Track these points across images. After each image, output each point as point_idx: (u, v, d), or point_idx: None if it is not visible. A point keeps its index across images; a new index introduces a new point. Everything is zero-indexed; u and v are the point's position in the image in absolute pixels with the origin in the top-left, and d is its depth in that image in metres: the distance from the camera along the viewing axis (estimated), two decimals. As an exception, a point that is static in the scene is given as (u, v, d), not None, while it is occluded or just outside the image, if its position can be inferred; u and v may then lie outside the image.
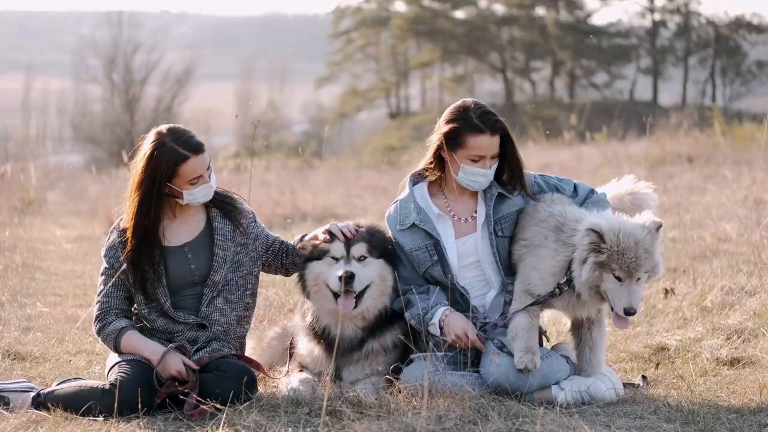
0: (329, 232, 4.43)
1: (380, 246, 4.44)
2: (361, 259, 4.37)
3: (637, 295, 4.07)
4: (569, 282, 4.16)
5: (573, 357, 4.47)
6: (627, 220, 4.16)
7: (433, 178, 4.56)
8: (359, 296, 4.35)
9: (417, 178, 4.60)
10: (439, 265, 4.42)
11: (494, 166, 4.43)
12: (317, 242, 4.44)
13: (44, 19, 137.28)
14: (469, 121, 4.39)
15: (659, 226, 4.10)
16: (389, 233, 4.55)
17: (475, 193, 4.53)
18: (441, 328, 4.30)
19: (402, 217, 4.49)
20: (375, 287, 4.39)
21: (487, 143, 4.37)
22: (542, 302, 4.25)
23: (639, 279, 4.07)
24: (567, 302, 4.26)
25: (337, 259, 4.38)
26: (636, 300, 4.06)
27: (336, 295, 4.35)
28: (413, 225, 4.45)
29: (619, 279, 4.05)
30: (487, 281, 4.47)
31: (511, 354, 4.19)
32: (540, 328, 4.43)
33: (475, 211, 4.51)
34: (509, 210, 4.47)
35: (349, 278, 4.27)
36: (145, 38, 44.08)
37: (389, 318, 4.43)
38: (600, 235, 4.04)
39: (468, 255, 4.47)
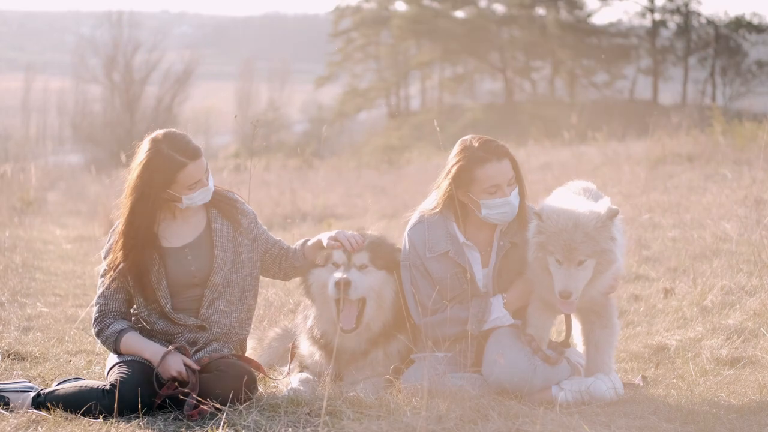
0: (336, 239, 4.42)
1: (383, 257, 4.42)
2: (362, 267, 4.37)
3: (574, 279, 4.02)
4: None
5: (573, 358, 4.47)
6: (582, 205, 4.12)
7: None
8: (360, 314, 4.34)
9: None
10: (467, 292, 4.37)
11: (515, 192, 4.36)
12: (326, 250, 4.44)
13: (44, 18, 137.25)
14: (472, 155, 4.33)
15: (613, 215, 4.04)
16: (405, 244, 4.46)
17: (492, 227, 4.45)
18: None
19: (431, 243, 4.40)
20: (374, 301, 4.38)
21: (497, 168, 4.30)
22: None
23: (582, 263, 4.03)
24: (543, 287, 4.24)
25: (338, 266, 4.38)
26: (571, 283, 4.02)
27: (338, 307, 4.34)
28: (445, 254, 4.38)
29: (558, 261, 4.05)
30: None
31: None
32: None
33: (491, 245, 4.46)
34: (521, 257, 4.38)
35: (344, 285, 4.26)
36: (145, 38, 44.12)
37: (393, 327, 4.42)
38: (541, 218, 4.07)
39: (484, 286, 4.46)
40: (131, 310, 4.41)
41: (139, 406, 4.01)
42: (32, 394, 4.20)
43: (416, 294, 4.39)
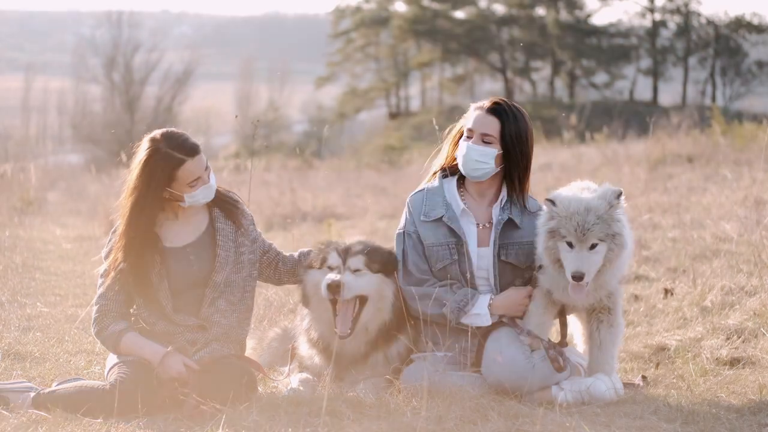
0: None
1: (379, 261, 4.41)
2: (356, 271, 4.36)
3: (586, 261, 4.05)
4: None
5: (573, 358, 4.47)
6: (590, 193, 4.18)
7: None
8: (356, 318, 4.34)
9: (447, 172, 4.58)
10: (457, 264, 4.41)
11: (483, 149, 4.39)
12: (322, 253, 4.46)
13: (44, 19, 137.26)
14: (478, 102, 4.51)
15: (618, 194, 4.10)
16: (404, 212, 4.52)
17: (492, 201, 4.50)
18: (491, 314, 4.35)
19: (427, 209, 4.46)
20: (371, 303, 4.38)
21: (480, 117, 4.43)
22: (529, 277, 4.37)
23: (594, 247, 4.06)
24: (551, 283, 4.26)
25: (332, 269, 4.38)
26: (584, 264, 4.04)
27: (335, 310, 4.35)
28: (439, 219, 4.43)
29: (570, 245, 4.07)
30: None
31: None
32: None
33: (490, 221, 4.49)
34: (520, 239, 4.42)
35: (336, 287, 4.27)
36: (145, 38, 44.17)
37: (393, 329, 4.42)
38: (553, 202, 4.10)
39: (481, 267, 4.47)
40: (131, 311, 4.41)
41: (139, 406, 4.01)
42: (32, 394, 4.20)
43: (404, 261, 4.44)
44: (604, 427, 3.88)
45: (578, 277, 4.05)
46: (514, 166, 4.45)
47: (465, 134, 4.46)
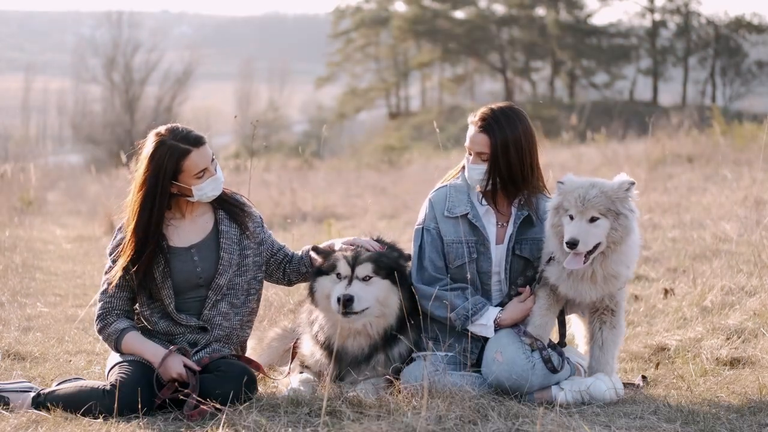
0: (352, 244, 4.42)
1: (387, 267, 4.39)
2: (365, 278, 4.35)
3: (583, 230, 4.06)
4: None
5: (573, 358, 4.47)
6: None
7: None
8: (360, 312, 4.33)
9: None
10: (474, 264, 4.41)
11: (480, 167, 4.40)
12: (333, 250, 4.43)
13: (44, 19, 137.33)
14: (475, 112, 4.51)
15: (631, 183, 4.18)
16: (424, 207, 4.52)
17: (511, 203, 4.50)
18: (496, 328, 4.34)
19: (451, 205, 4.45)
20: (377, 308, 4.37)
21: (473, 136, 4.43)
22: (538, 276, 4.35)
23: (594, 220, 4.08)
24: (559, 276, 4.26)
25: (341, 277, 4.37)
26: (580, 234, 4.05)
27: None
28: (462, 217, 4.43)
29: (572, 218, 4.10)
30: (500, 293, 4.48)
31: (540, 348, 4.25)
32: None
33: (507, 219, 4.50)
34: (535, 235, 4.44)
35: (347, 301, 4.26)
36: (145, 38, 44.16)
37: (396, 330, 4.42)
38: (564, 183, 4.16)
39: (494, 264, 4.48)
40: (134, 309, 4.41)
41: (139, 406, 4.01)
42: (32, 394, 4.20)
43: (420, 257, 4.44)
44: (604, 427, 3.88)
45: (572, 244, 4.05)
46: (496, 173, 4.43)
47: (467, 150, 4.47)
